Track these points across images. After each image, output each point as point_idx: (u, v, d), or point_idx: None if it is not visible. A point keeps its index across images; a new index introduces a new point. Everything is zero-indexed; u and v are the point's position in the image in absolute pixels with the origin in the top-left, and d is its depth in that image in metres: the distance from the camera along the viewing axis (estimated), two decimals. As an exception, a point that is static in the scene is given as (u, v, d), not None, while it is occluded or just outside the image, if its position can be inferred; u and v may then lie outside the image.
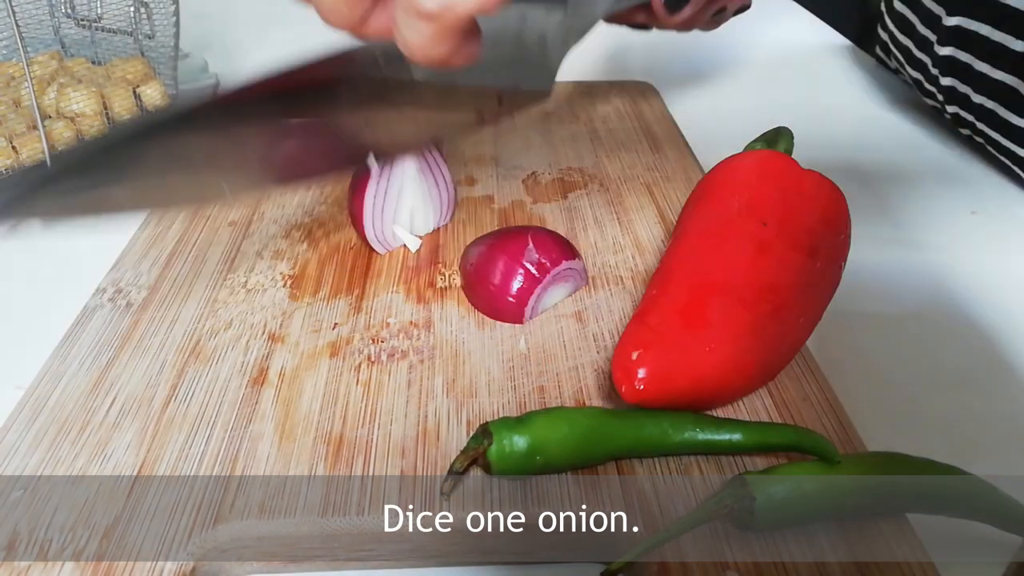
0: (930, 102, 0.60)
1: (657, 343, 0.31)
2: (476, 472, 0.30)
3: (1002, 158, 0.54)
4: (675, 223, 0.43)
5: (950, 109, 0.57)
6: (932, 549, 0.27)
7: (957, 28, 0.53)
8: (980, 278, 0.44)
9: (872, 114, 0.64)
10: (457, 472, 0.28)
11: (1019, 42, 0.49)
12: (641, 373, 0.30)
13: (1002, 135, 0.53)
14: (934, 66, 0.56)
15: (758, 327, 0.31)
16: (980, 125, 0.54)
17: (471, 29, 0.26)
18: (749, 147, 0.39)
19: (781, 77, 0.72)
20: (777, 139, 0.38)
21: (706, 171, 0.49)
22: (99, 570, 0.26)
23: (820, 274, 0.33)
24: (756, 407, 0.33)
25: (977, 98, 0.53)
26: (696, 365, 0.30)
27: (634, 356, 0.30)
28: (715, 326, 0.31)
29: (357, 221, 0.41)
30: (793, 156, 0.37)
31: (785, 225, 0.32)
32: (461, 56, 0.26)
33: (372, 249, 0.42)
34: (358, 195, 0.41)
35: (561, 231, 0.44)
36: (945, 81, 0.56)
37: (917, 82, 0.61)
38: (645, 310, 0.32)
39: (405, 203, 0.41)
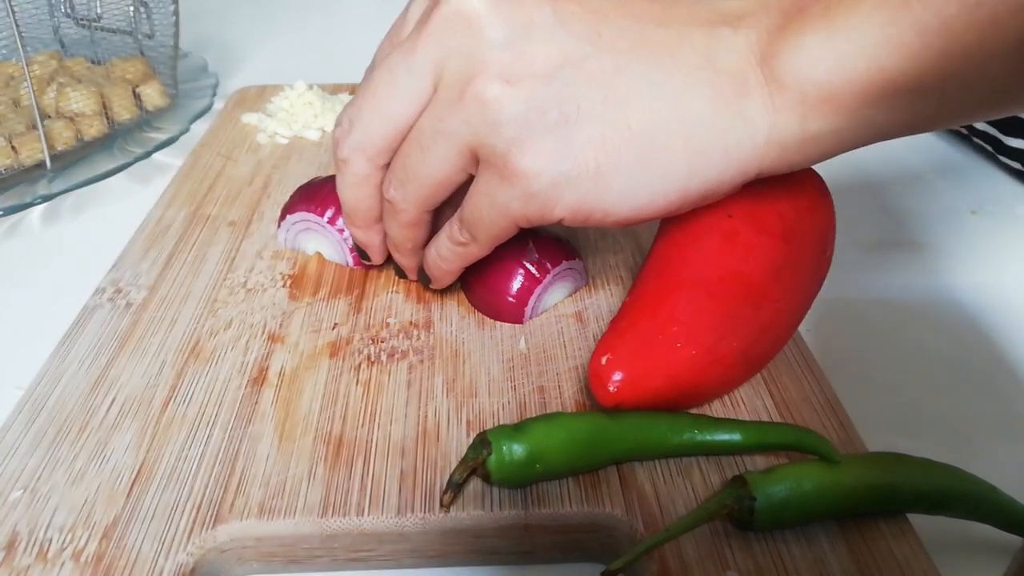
0: None
1: (626, 346, 0.31)
2: (476, 472, 0.30)
3: (987, 147, 0.55)
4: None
5: None
6: (932, 549, 0.27)
7: None
8: (980, 278, 0.44)
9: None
10: (456, 483, 0.28)
11: None
12: (615, 377, 0.30)
13: (989, 123, 0.54)
14: None
15: (729, 316, 0.31)
16: None
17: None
18: None
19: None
20: None
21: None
22: (99, 570, 0.26)
23: (795, 256, 0.32)
24: (756, 407, 0.33)
25: None
26: (668, 363, 0.30)
27: (603, 361, 0.30)
28: (683, 322, 0.30)
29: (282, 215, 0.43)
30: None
31: (752, 212, 0.32)
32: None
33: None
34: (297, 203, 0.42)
35: (561, 231, 0.44)
36: None
37: None
38: (618, 315, 0.33)
39: (311, 242, 0.42)
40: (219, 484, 0.29)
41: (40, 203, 0.49)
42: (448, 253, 0.34)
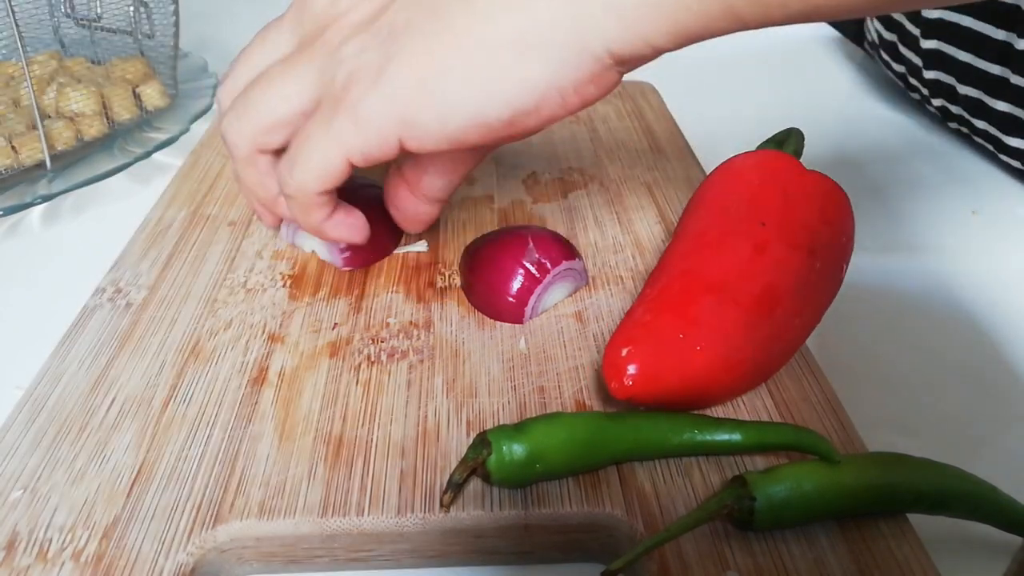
0: (915, 96, 0.61)
1: (647, 340, 0.31)
2: (476, 472, 0.30)
3: (988, 146, 0.55)
4: (676, 223, 0.43)
5: (935, 102, 0.58)
6: (932, 549, 0.27)
7: (940, 21, 0.54)
8: (980, 278, 0.44)
9: (871, 113, 0.64)
10: (456, 483, 0.28)
11: (1001, 31, 0.50)
12: (630, 370, 0.30)
13: (988, 123, 0.54)
14: (919, 59, 0.57)
15: (751, 327, 0.31)
16: (967, 116, 0.56)
17: (331, 203, 0.34)
18: (760, 148, 0.39)
19: (777, 73, 0.72)
20: (787, 140, 0.38)
21: (706, 170, 0.50)
22: (99, 570, 0.26)
23: (819, 274, 0.33)
24: (756, 407, 0.33)
25: (963, 88, 0.55)
26: (686, 363, 0.30)
27: (623, 353, 0.30)
28: (706, 325, 0.31)
29: None
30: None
31: (784, 225, 0.32)
32: (337, 229, 0.35)
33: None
34: None
35: (561, 231, 0.44)
36: (929, 74, 0.57)
37: (902, 76, 0.62)
38: (638, 308, 0.33)
39: (308, 240, 0.42)
40: (219, 484, 0.29)
41: (40, 203, 0.49)
42: (293, 210, 0.34)
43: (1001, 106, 0.52)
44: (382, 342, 0.36)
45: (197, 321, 0.38)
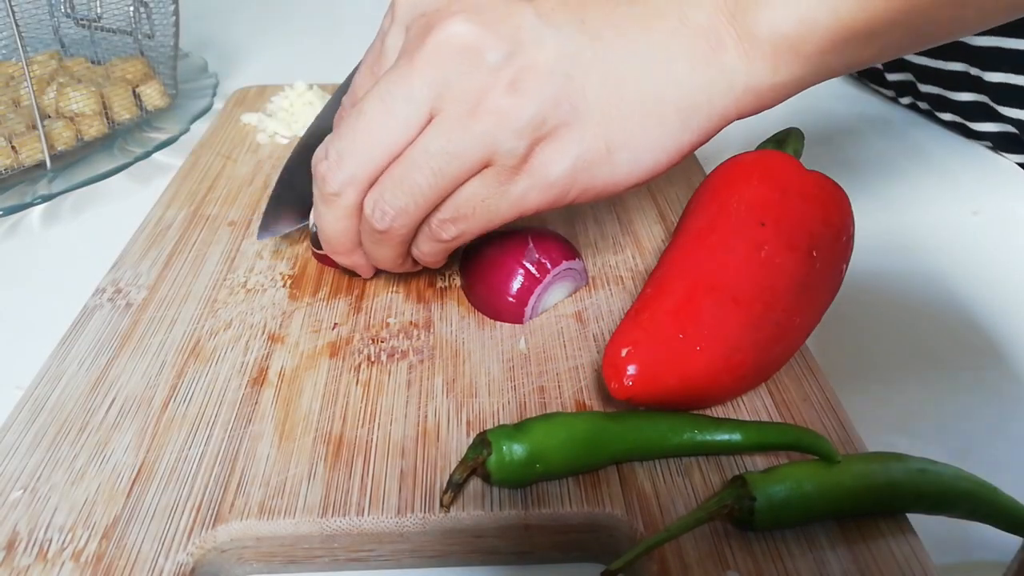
0: (888, 93, 0.64)
1: (647, 341, 0.31)
2: (476, 472, 0.30)
3: (956, 133, 0.58)
4: (675, 223, 0.43)
5: (903, 100, 0.62)
6: (932, 549, 0.27)
7: None
8: (981, 278, 0.44)
9: (871, 113, 0.64)
10: (456, 483, 0.28)
11: None
12: (630, 370, 0.30)
13: (954, 114, 0.57)
14: (880, 64, 0.59)
15: (751, 327, 0.31)
16: (933, 110, 0.58)
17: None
18: (760, 148, 0.39)
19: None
20: (787, 139, 0.38)
21: (706, 170, 0.50)
22: (99, 570, 0.26)
23: (819, 275, 0.33)
24: (756, 407, 0.33)
25: (924, 87, 0.57)
26: (685, 364, 0.30)
27: (623, 353, 0.30)
28: (706, 325, 0.31)
29: None
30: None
31: (784, 225, 0.32)
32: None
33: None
34: None
35: (561, 231, 0.44)
36: (892, 77, 0.60)
37: (869, 76, 0.65)
38: (638, 308, 0.33)
39: None
40: (219, 484, 0.29)
41: (40, 203, 0.49)
42: (434, 252, 0.34)
43: (963, 96, 0.55)
44: (382, 342, 0.36)
45: (197, 321, 0.38)
